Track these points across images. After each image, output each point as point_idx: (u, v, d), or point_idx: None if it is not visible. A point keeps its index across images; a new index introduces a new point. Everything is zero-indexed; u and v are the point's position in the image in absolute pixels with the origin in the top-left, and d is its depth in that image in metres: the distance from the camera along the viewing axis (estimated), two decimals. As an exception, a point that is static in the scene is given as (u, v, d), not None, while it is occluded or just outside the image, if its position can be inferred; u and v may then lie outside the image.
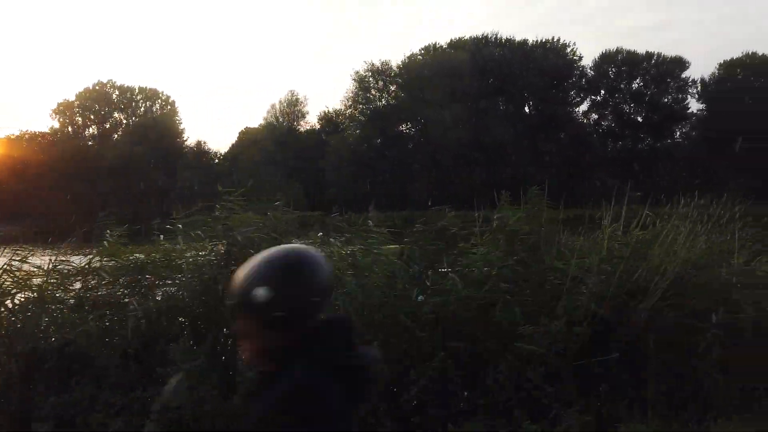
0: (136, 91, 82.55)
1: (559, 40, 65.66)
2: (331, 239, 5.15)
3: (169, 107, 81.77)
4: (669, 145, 64.19)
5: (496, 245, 5.43)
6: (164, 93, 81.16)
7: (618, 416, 4.23)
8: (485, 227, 5.82)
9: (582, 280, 4.63)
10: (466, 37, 64.75)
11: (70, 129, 78.23)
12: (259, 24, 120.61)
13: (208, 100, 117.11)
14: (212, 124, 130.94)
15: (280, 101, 64.85)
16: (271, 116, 64.38)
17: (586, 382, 4.39)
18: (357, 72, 61.74)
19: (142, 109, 79.94)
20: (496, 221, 5.61)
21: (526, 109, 62.13)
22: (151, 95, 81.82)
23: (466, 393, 4.29)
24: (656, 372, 4.36)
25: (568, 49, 65.95)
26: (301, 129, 66.36)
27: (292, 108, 64.02)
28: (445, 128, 57.76)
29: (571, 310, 4.45)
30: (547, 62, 59.06)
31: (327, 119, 67.80)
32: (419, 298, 4.63)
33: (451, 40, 66.99)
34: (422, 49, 67.40)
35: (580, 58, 65.96)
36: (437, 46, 67.54)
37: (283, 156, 58.13)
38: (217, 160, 65.55)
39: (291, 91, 66.07)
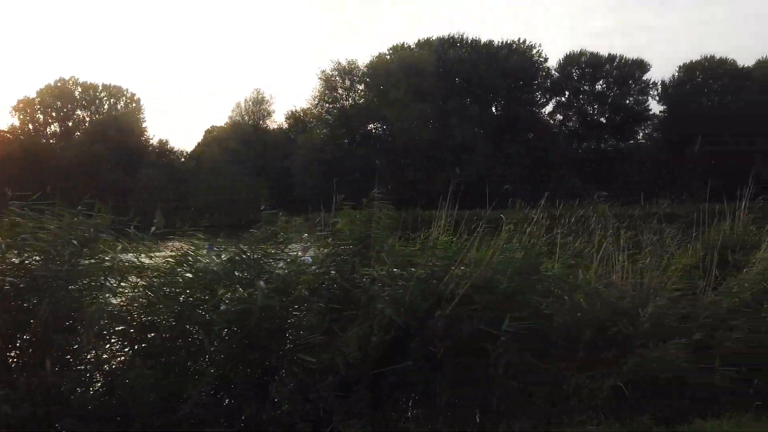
0: (100, 88, 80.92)
1: (525, 41, 66.50)
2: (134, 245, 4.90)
3: (134, 105, 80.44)
4: (632, 146, 65.51)
5: (330, 250, 5.33)
6: (129, 90, 79.71)
7: (407, 424, 4.15)
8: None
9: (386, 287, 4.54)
10: (433, 38, 65.04)
11: (30, 127, 76.14)
12: (257, 24, 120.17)
13: (208, 100, 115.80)
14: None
15: (246, 100, 64.14)
16: (237, 115, 63.59)
17: (384, 391, 4.30)
18: (323, 71, 61.44)
19: (106, 106, 78.34)
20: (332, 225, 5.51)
21: (493, 110, 62.59)
22: (115, 92, 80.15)
23: (253, 406, 4.14)
24: (452, 379, 4.29)
25: (534, 51, 66.84)
26: (270, 127, 65.71)
27: (258, 106, 63.30)
28: (413, 128, 57.87)
29: (371, 317, 4.36)
30: (513, 63, 59.63)
31: (295, 118, 67.25)
32: (221, 307, 4.47)
33: (419, 40, 67.23)
34: (390, 48, 67.49)
35: (546, 59, 66.94)
36: (405, 45, 67.69)
37: (249, 155, 57.41)
38: (183, 159, 64.35)
39: (256, 89, 65.33)
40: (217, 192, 46.59)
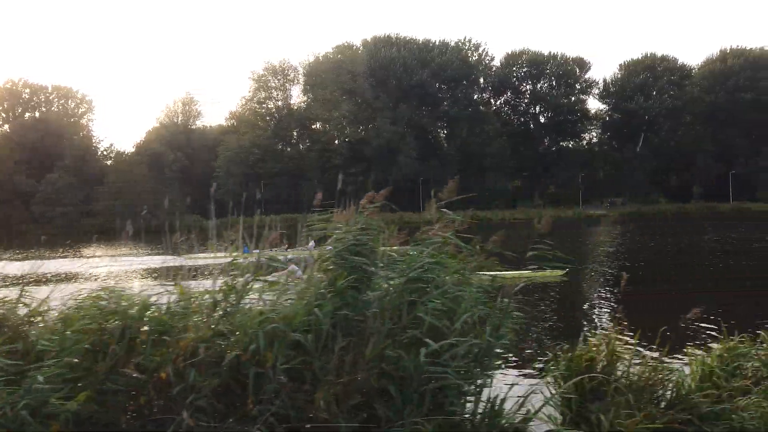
0: (50, 89, 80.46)
1: (470, 40, 65.25)
2: None
3: (85, 106, 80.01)
4: (574, 145, 64.22)
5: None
6: (79, 92, 79.33)
7: None
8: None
9: None
10: (369, 38, 63.78)
11: (-20, 129, 75.63)
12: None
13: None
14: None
15: (175, 101, 63.12)
16: (166, 116, 62.57)
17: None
18: (254, 71, 60.34)
19: (55, 108, 77.91)
20: None
21: (427, 109, 61.17)
22: (65, 93, 79.80)
23: None
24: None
25: (481, 49, 65.62)
26: (203, 127, 64.46)
27: (187, 107, 62.37)
28: (340, 129, 56.85)
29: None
30: (447, 62, 58.37)
31: (237, 119, 66.25)
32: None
33: (364, 40, 66.04)
34: (335, 47, 66.36)
35: (492, 58, 65.69)
36: (351, 45, 66.51)
37: (174, 157, 56.39)
38: (103, 160, 62.15)
39: (187, 91, 64.73)
40: (129, 195, 45.47)
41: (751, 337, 3.58)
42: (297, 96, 60.93)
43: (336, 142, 57.13)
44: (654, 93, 59.94)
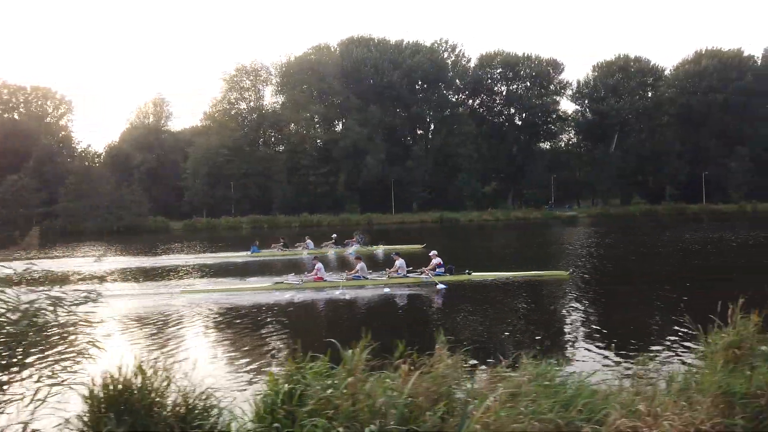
0: (29, 90, 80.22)
1: (447, 41, 64.98)
2: None
3: (64, 107, 79.72)
4: (551, 145, 64.06)
5: None
6: (58, 92, 79.09)
7: None
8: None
9: None
10: (345, 39, 63.47)
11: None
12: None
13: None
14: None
15: (146, 102, 62.67)
16: (136, 117, 62.05)
17: None
18: (225, 71, 59.98)
19: (33, 108, 77.57)
20: None
21: (399, 111, 60.89)
22: (44, 94, 79.49)
23: None
24: None
25: (458, 50, 65.32)
26: (172, 129, 64.00)
27: (158, 108, 61.79)
28: (313, 130, 56.60)
29: None
30: (419, 63, 58.11)
31: (213, 119, 65.75)
32: None
33: (340, 41, 65.69)
34: (311, 47, 65.97)
35: (469, 60, 65.44)
36: (328, 46, 66.16)
37: (144, 158, 56.05)
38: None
39: (158, 92, 64.14)
40: (90, 196, 45.15)
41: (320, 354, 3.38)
42: (269, 96, 60.67)
43: (312, 142, 56.88)
44: (626, 94, 59.78)
